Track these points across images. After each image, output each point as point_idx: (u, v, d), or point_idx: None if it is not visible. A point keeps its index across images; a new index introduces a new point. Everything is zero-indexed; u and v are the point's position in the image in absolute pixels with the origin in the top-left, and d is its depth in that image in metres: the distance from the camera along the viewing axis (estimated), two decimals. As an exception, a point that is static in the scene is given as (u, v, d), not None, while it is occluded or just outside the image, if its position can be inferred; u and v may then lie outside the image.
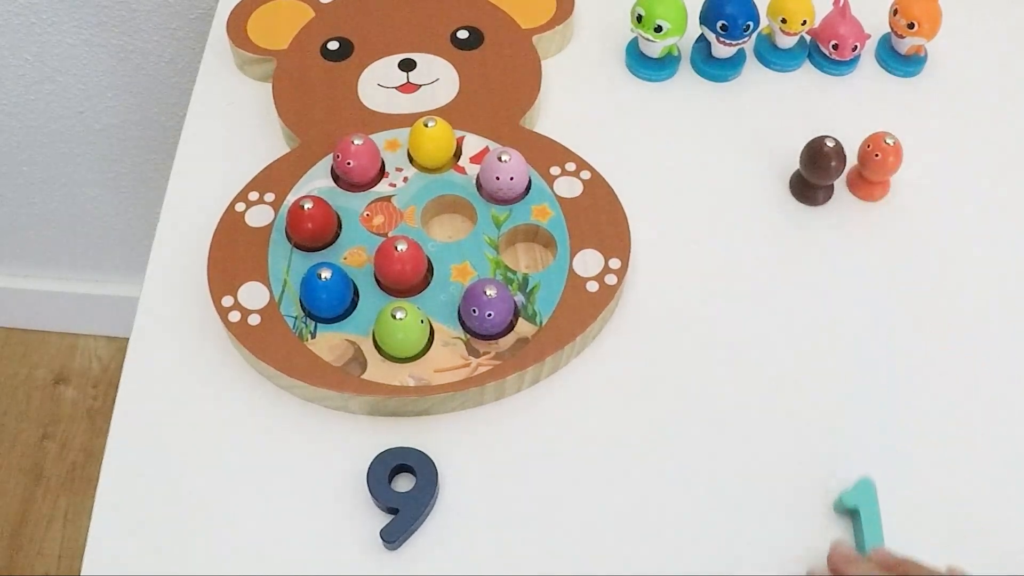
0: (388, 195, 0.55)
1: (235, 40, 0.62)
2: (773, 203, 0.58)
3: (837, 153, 0.55)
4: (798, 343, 0.53)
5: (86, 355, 1.36)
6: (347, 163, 0.54)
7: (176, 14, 0.89)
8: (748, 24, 0.60)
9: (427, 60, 0.61)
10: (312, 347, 0.49)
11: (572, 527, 0.47)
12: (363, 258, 0.52)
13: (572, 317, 0.50)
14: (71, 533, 1.22)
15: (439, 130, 0.55)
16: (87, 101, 0.99)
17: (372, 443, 0.48)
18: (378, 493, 0.46)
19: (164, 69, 0.95)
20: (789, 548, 0.46)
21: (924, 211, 0.58)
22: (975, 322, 0.54)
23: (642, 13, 0.60)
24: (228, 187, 0.55)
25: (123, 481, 0.47)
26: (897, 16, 0.62)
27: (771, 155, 0.60)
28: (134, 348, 0.52)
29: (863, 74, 0.64)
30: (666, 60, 0.63)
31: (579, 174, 0.56)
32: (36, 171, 1.09)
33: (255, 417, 0.49)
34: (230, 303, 0.51)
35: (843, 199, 0.58)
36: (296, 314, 0.50)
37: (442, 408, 0.49)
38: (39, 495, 1.25)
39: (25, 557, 1.20)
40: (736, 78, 0.64)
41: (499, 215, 0.54)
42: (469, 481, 0.47)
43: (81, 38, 0.92)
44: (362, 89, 0.60)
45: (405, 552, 0.46)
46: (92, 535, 0.46)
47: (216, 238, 0.53)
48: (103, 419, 1.29)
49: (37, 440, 1.29)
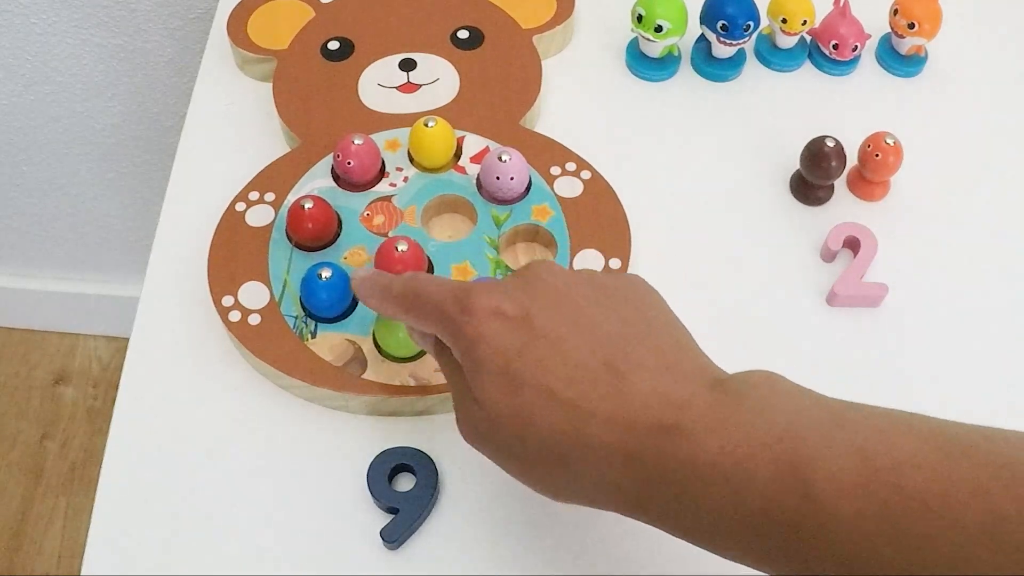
0: (388, 195, 0.55)
1: (235, 40, 0.62)
2: (773, 203, 0.58)
3: (837, 153, 0.55)
4: (798, 342, 0.53)
5: (86, 355, 1.36)
6: (347, 163, 0.54)
7: (176, 14, 0.90)
8: (748, 24, 0.60)
9: (427, 60, 0.61)
10: (312, 347, 0.49)
11: (573, 527, 0.47)
12: (363, 258, 0.52)
13: (572, 317, 0.50)
14: (71, 533, 1.22)
15: (439, 130, 0.55)
16: (87, 101, 0.99)
17: (372, 443, 0.48)
18: (378, 493, 0.46)
19: (164, 69, 0.95)
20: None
21: (924, 211, 0.58)
22: (975, 322, 0.54)
23: (642, 13, 0.60)
24: (228, 187, 0.55)
25: (123, 481, 0.47)
26: (897, 16, 0.62)
27: (771, 155, 0.60)
28: (134, 348, 0.52)
29: (863, 74, 0.65)
30: (666, 60, 0.63)
31: (579, 174, 0.56)
32: (36, 171, 1.09)
33: (255, 417, 0.49)
34: (230, 303, 0.51)
35: (843, 199, 0.58)
36: (296, 314, 0.50)
37: (442, 408, 0.49)
38: (39, 495, 1.25)
39: (25, 557, 1.20)
40: (736, 78, 0.64)
41: (499, 215, 0.54)
42: (469, 481, 0.47)
43: (81, 38, 0.92)
44: (362, 89, 0.60)
45: (405, 552, 0.46)
46: (92, 535, 0.46)
47: (216, 238, 0.53)
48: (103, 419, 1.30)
49: (37, 440, 1.29)
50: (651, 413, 0.34)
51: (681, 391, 0.34)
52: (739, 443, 0.32)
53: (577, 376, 0.35)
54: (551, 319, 0.36)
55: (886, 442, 0.31)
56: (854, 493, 0.30)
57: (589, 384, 0.35)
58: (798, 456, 0.31)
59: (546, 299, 0.37)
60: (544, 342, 0.36)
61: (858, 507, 0.30)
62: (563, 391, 0.35)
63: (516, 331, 0.36)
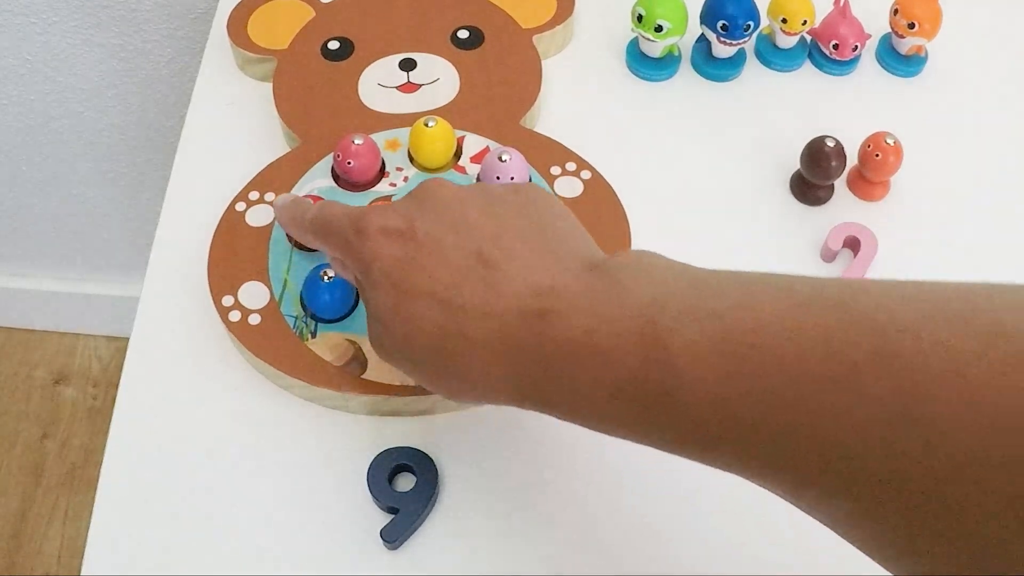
0: (388, 195, 0.55)
1: (235, 40, 0.62)
2: (773, 203, 0.58)
3: (837, 153, 0.55)
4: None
5: (86, 355, 1.36)
6: (348, 163, 0.54)
7: (176, 14, 0.89)
8: (749, 24, 0.60)
9: (427, 60, 0.61)
10: (312, 347, 0.49)
11: (573, 527, 0.47)
12: (363, 258, 0.52)
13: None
14: (71, 533, 1.22)
15: (439, 130, 0.55)
16: (87, 101, 0.99)
17: (372, 443, 0.48)
18: (378, 493, 0.46)
19: (164, 69, 0.95)
20: (798, 545, 0.46)
21: (924, 211, 0.58)
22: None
23: (642, 13, 0.60)
24: (228, 187, 0.55)
25: (123, 481, 0.47)
26: (897, 16, 0.62)
27: (771, 155, 0.60)
28: (134, 348, 0.52)
29: (863, 74, 0.64)
30: (666, 60, 0.63)
31: (579, 174, 0.56)
32: (36, 171, 1.09)
33: (255, 417, 0.49)
34: (230, 303, 0.51)
35: (843, 199, 0.58)
36: (296, 314, 0.50)
37: (442, 408, 0.49)
38: (39, 495, 1.25)
39: (25, 557, 1.20)
40: (736, 78, 0.64)
41: (499, 215, 0.54)
42: (469, 481, 0.47)
43: (81, 38, 0.92)
44: (362, 89, 0.60)
45: (405, 552, 0.46)
46: (92, 535, 0.46)
47: (216, 238, 0.53)
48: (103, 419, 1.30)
49: (37, 440, 1.29)
50: (522, 301, 0.35)
51: (550, 278, 0.36)
52: (605, 320, 0.33)
53: (454, 276, 0.37)
54: (433, 226, 0.39)
55: (744, 304, 0.32)
56: (711, 359, 0.31)
57: (464, 281, 0.37)
58: (658, 328, 0.32)
59: (433, 210, 0.39)
60: (425, 249, 0.38)
61: (716, 371, 0.30)
62: (441, 292, 0.37)
63: (401, 244, 0.38)
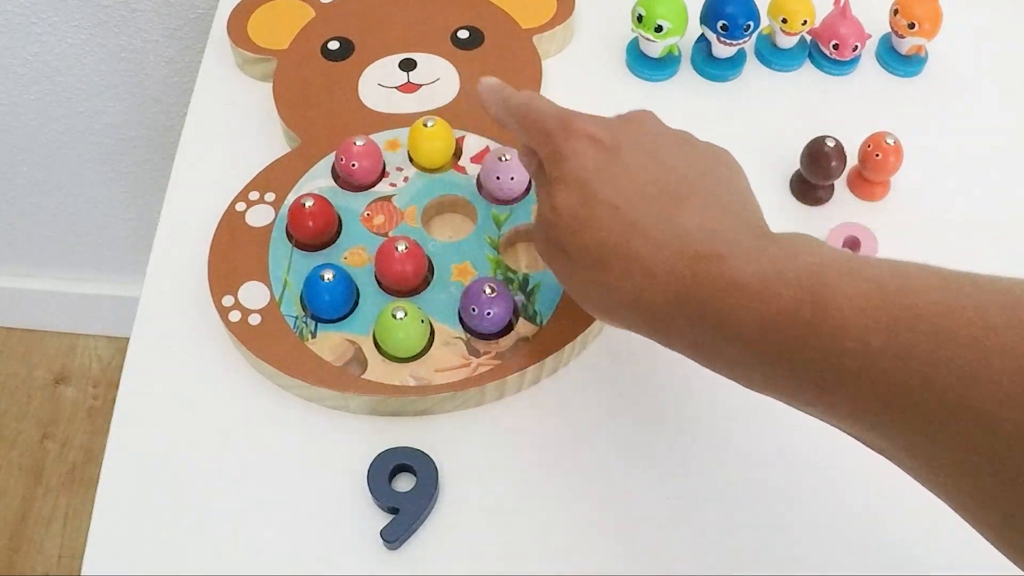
0: (388, 195, 0.55)
1: (235, 40, 0.62)
2: (773, 203, 0.58)
3: (837, 153, 0.55)
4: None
5: (86, 355, 1.36)
6: (352, 165, 0.54)
7: (176, 14, 0.89)
8: (749, 24, 0.60)
9: (427, 60, 0.61)
10: (312, 347, 0.49)
11: (573, 527, 0.47)
12: (363, 258, 0.52)
13: (573, 317, 0.50)
14: (71, 533, 1.22)
15: (438, 130, 0.55)
16: (87, 101, 0.99)
17: (372, 443, 0.48)
18: (378, 493, 0.46)
19: (164, 69, 0.95)
20: (791, 547, 0.46)
21: (924, 211, 0.58)
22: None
23: (642, 13, 0.60)
24: (228, 187, 0.55)
25: (123, 481, 0.47)
26: (897, 16, 0.62)
27: (771, 155, 0.60)
28: (134, 348, 0.52)
29: (863, 74, 0.64)
30: (666, 60, 0.63)
31: (579, 174, 0.56)
32: (36, 171, 1.09)
33: (255, 417, 0.49)
34: (230, 303, 0.51)
35: (843, 199, 0.58)
36: (297, 314, 0.50)
37: (442, 408, 0.49)
38: (39, 495, 1.25)
39: (25, 557, 1.20)
40: (736, 78, 0.64)
41: (500, 215, 0.54)
42: (469, 481, 0.48)
43: (81, 38, 0.92)
44: (362, 89, 0.60)
45: (405, 552, 0.46)
46: (92, 535, 0.46)
47: (216, 238, 0.53)
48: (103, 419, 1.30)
49: (37, 440, 1.29)
50: (695, 242, 0.38)
51: (727, 231, 0.39)
52: (770, 272, 0.36)
53: (641, 200, 0.40)
54: (634, 149, 0.41)
55: (900, 275, 0.34)
56: (866, 312, 0.33)
57: (648, 208, 0.39)
58: (820, 282, 0.34)
59: (638, 137, 0.42)
60: (622, 167, 0.41)
61: (867, 322, 0.33)
62: (624, 208, 0.39)
63: (602, 154, 0.41)
